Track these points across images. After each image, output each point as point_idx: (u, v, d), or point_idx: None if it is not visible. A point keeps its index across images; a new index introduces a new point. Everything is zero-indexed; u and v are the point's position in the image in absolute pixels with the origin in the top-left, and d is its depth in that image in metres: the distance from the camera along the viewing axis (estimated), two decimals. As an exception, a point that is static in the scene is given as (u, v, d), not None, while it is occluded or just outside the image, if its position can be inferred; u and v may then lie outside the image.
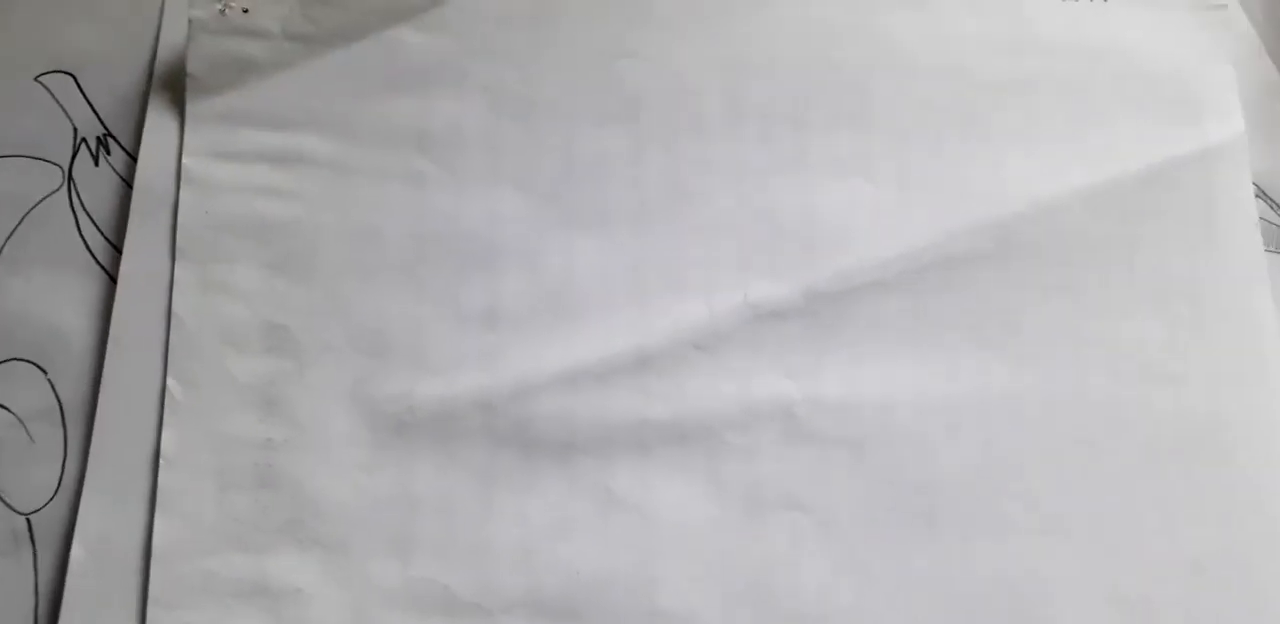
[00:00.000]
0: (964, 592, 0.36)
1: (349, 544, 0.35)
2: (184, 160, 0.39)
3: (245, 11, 0.40)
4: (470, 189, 0.39)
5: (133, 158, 0.40)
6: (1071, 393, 0.38)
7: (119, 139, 0.41)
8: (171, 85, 0.40)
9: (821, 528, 0.36)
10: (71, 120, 0.42)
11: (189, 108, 0.40)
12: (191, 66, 0.40)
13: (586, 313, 0.38)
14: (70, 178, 0.41)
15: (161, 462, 0.35)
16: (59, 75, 0.42)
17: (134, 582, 0.34)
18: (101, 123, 0.42)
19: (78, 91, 0.42)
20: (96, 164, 0.41)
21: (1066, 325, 0.39)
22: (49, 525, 0.35)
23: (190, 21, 0.40)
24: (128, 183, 0.40)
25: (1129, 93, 0.42)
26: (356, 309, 0.37)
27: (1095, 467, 0.38)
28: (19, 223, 0.40)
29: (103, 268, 0.39)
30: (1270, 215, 0.43)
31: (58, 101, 0.42)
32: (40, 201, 0.41)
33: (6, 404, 0.37)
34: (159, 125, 0.40)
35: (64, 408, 0.37)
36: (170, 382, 0.36)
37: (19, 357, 0.38)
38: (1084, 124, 0.41)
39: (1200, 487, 0.38)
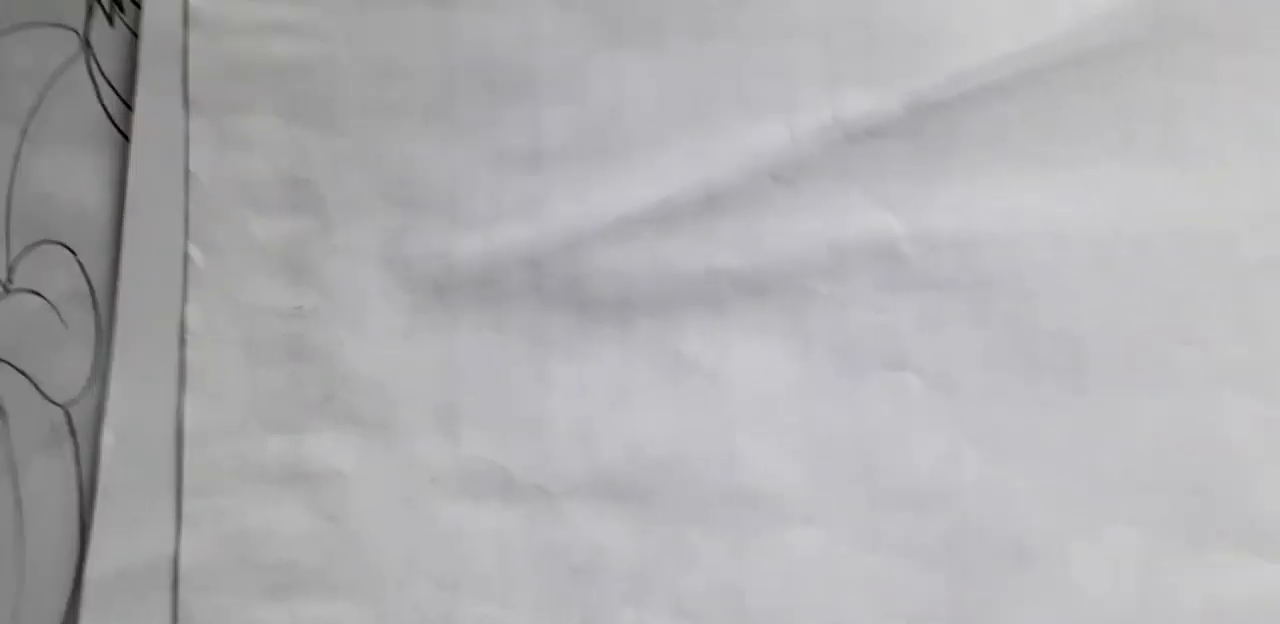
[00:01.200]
0: (1124, 461, 0.29)
1: (391, 421, 0.31)
2: (190, 2, 0.35)
3: None
4: (503, 8, 0.33)
5: (138, 6, 0.36)
6: (1262, 211, 0.30)
7: (132, -7, 0.37)
8: (170, -79, 0.36)
9: (936, 390, 0.30)
10: (80, -24, 0.38)
11: (189, -57, 0.35)
12: (187, -103, 0.35)
13: (642, 147, 0.32)
14: (87, 42, 0.37)
15: (187, 337, 0.32)
16: (63, -72, 0.38)
17: (168, 468, 0.31)
18: (112, -23, 0.38)
19: (84, -55, 0.38)
20: (111, 23, 0.37)
21: (1250, 127, 0.31)
22: (87, 415, 0.33)
23: None
24: (142, 40, 0.36)
25: None
26: (384, 157, 0.33)
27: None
28: (41, 98, 0.37)
29: (125, 136, 0.36)
30: None
31: (65, -42, 0.38)
32: (60, 72, 0.37)
33: (38, 289, 0.35)
34: (162, -31, 0.35)
35: (94, 290, 0.34)
36: (191, 248, 0.33)
37: (48, 239, 0.35)
38: None
39: None
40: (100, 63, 0.37)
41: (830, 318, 0.31)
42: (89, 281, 0.34)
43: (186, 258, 0.33)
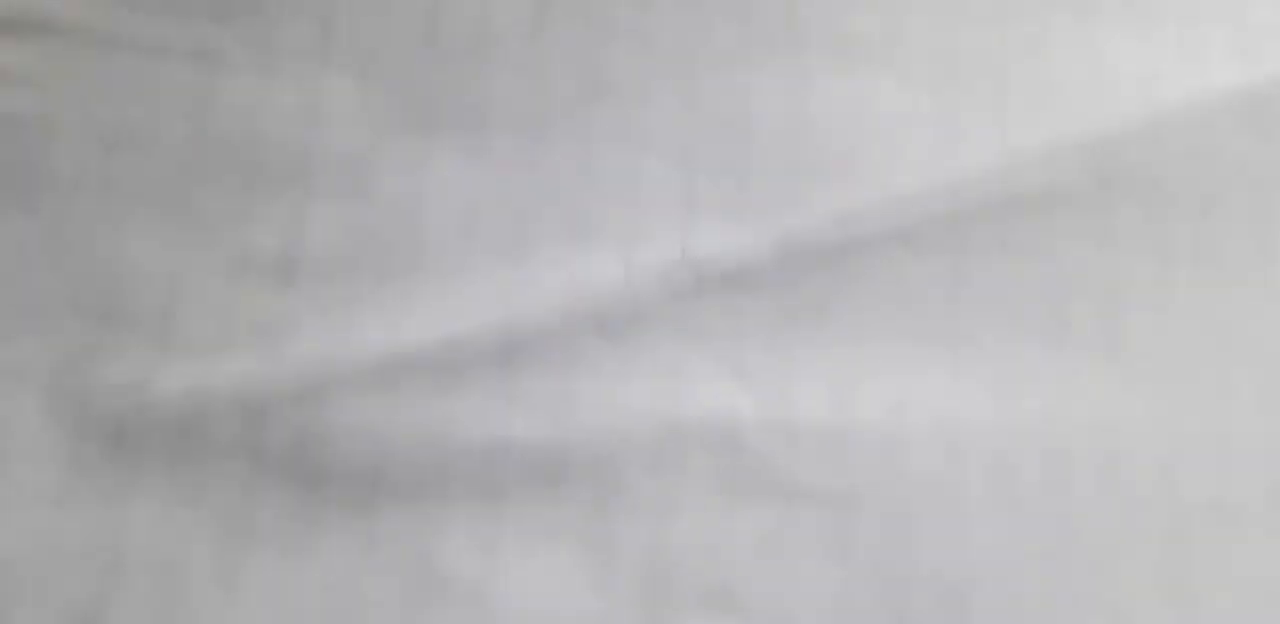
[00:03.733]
0: None
1: (9, 619, 0.22)
2: None
3: None
4: (283, 74, 0.26)
5: None
6: (1212, 435, 0.23)
7: None
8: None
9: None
10: None
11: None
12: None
13: (434, 266, 0.24)
14: None
15: None
16: None
17: None
18: None
19: None
20: None
21: (1207, 323, 0.24)
22: None
23: None
24: None
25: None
26: (89, 248, 0.24)
27: (1240, 554, 0.23)
28: None
29: None
30: None
31: None
32: None
33: None
34: None
35: None
36: None
37: None
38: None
39: None
40: None
41: (646, 526, 0.23)
42: None
43: None
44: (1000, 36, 0.25)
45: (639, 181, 0.25)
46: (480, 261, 0.24)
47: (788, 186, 0.25)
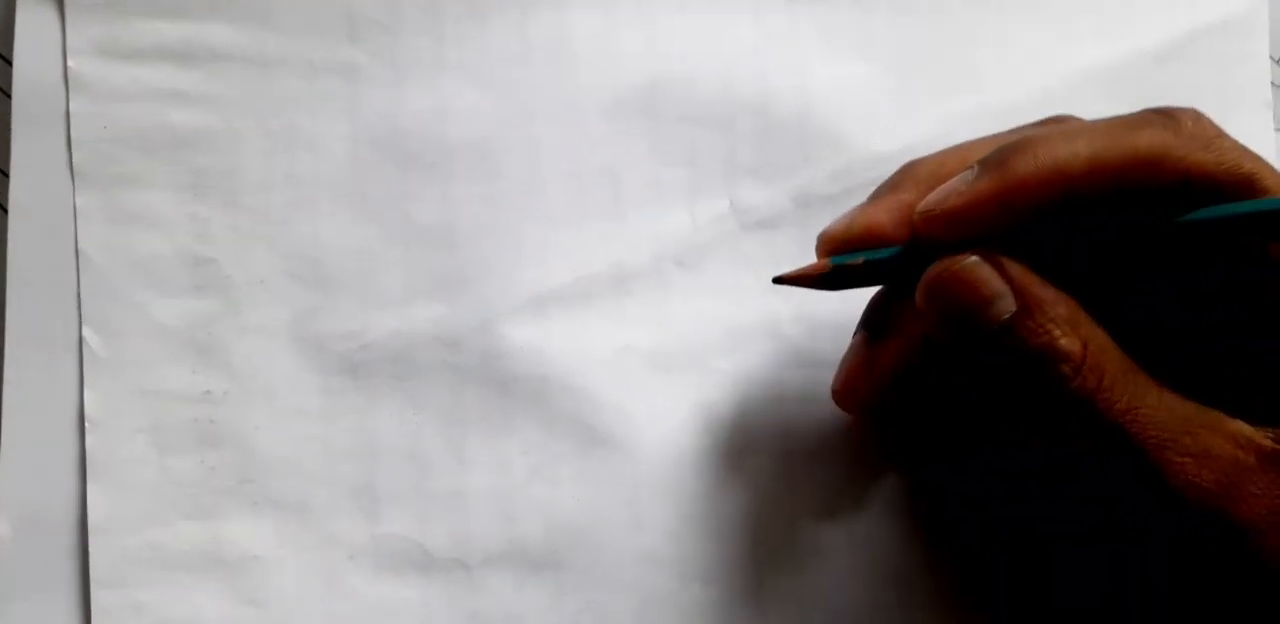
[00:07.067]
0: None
1: (308, 503, 0.32)
2: (69, 62, 0.33)
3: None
4: (413, 82, 0.34)
5: (8, 62, 0.34)
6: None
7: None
8: (41, -31, 0.34)
9: (814, 461, 0.34)
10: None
11: (66, -3, 0.33)
12: (61, -55, 0.33)
13: (558, 225, 0.33)
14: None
15: (87, 424, 0.31)
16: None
17: (72, 560, 0.31)
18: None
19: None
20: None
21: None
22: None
23: (53, -112, 0.33)
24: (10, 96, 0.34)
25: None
26: (291, 234, 0.33)
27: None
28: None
29: (2, 208, 0.34)
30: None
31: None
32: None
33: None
34: (34, 19, 0.33)
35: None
36: (86, 332, 0.32)
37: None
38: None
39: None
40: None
41: (728, 392, 0.34)
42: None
43: (82, 342, 0.31)
44: (940, 30, 0.36)
45: (697, 153, 0.34)
46: (589, 220, 0.34)
47: (798, 153, 0.35)
